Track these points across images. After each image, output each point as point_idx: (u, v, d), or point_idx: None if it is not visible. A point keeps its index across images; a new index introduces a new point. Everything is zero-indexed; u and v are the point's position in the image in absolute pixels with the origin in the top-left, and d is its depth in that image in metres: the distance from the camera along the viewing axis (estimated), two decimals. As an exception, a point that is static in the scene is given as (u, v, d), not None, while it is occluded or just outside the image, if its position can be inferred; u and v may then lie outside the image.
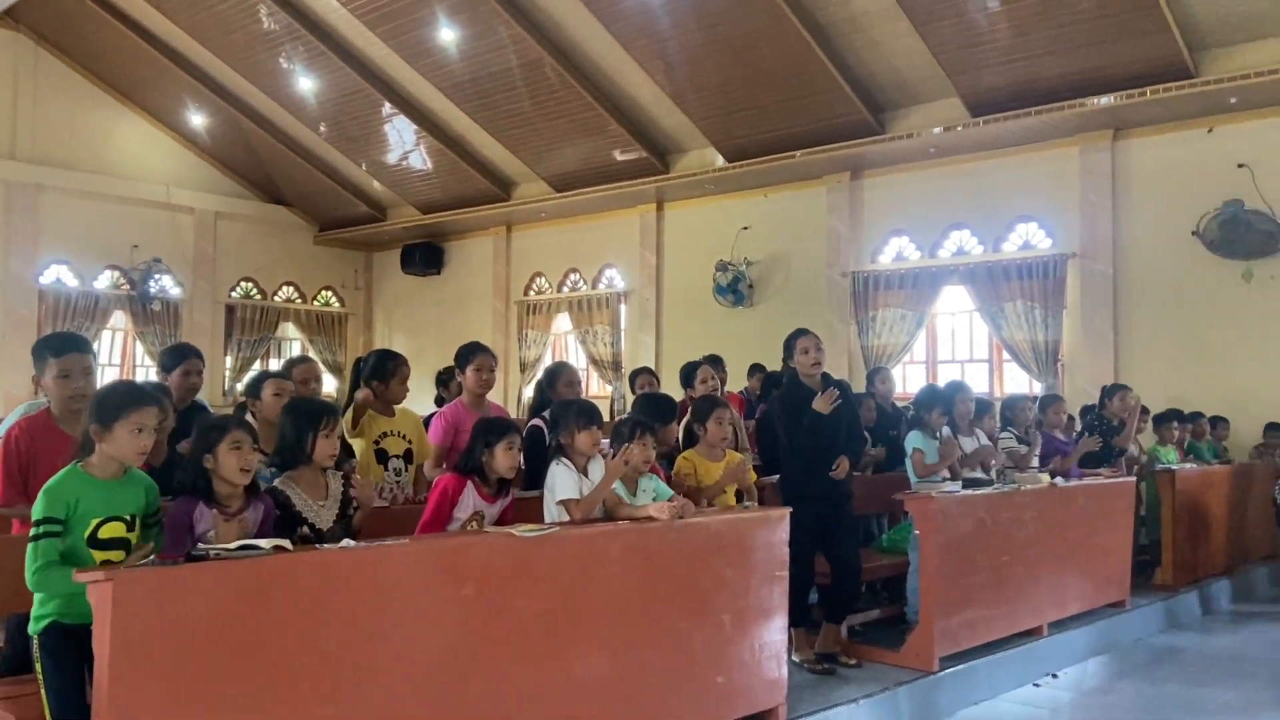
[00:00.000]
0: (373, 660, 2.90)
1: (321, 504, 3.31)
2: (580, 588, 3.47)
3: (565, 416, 3.84)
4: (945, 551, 5.22)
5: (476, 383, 4.73)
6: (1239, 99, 9.10)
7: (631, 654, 3.61)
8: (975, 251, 11.23)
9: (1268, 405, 9.12)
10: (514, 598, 3.28)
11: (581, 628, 3.46)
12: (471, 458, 3.67)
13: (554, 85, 12.17)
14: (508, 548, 3.29)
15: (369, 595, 2.91)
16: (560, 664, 3.39)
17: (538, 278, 15.52)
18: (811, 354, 5.20)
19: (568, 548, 3.46)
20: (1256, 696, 5.46)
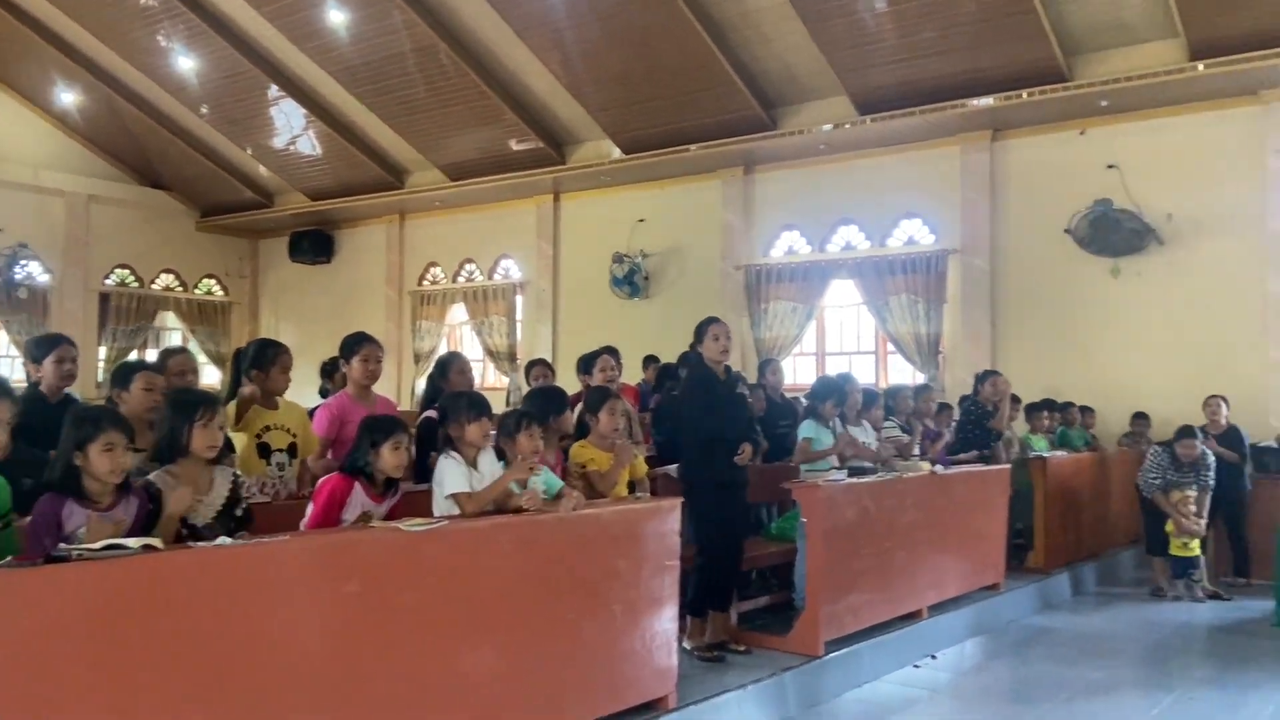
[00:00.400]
0: (251, 663, 2.82)
1: (199, 499, 3.19)
2: (469, 582, 3.43)
3: (455, 408, 3.79)
4: (831, 538, 5.36)
5: (363, 374, 4.62)
6: (1109, 102, 9.56)
7: (521, 647, 3.59)
8: (862, 246, 11.53)
9: (1134, 395, 9.64)
10: (401, 593, 3.22)
11: (470, 622, 3.43)
12: (358, 457, 3.59)
13: (449, 72, 11.98)
14: (394, 542, 3.23)
15: (246, 595, 2.82)
16: (448, 660, 3.36)
17: (432, 267, 15.28)
18: (722, 341, 5.32)
19: (456, 541, 3.42)
20: (1120, 674, 5.77)
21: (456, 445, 3.73)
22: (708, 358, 5.34)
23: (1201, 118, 9.44)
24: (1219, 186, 9.36)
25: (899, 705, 5.20)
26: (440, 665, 3.33)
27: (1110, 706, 5.11)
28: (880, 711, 5.06)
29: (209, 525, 3.18)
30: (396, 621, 3.20)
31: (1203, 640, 6.64)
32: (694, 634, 5.15)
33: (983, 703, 5.38)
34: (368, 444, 3.57)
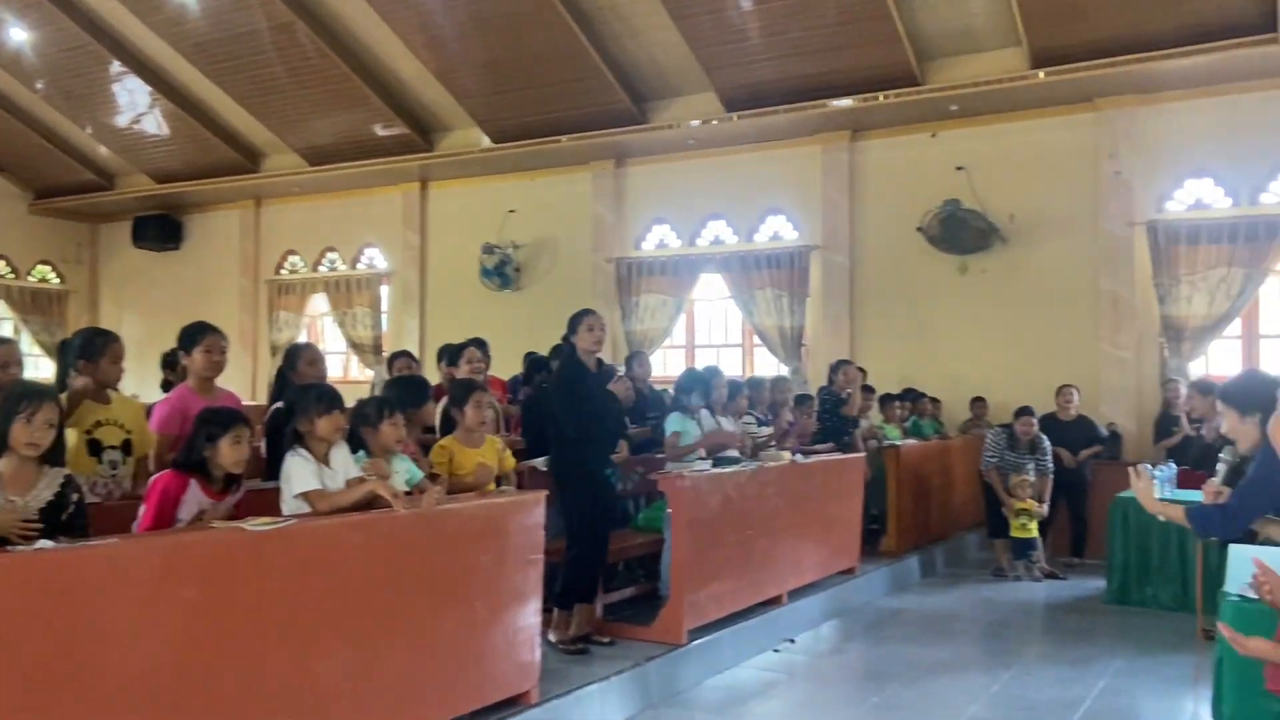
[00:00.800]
0: (79, 675, 2.64)
1: (13, 499, 2.97)
2: (320, 582, 3.32)
3: (304, 401, 3.64)
4: (695, 528, 5.44)
5: (205, 365, 4.40)
6: (958, 107, 10.00)
7: (377, 648, 3.50)
8: (730, 241, 11.74)
9: (979, 386, 10.13)
10: (245, 596, 3.09)
11: (321, 624, 3.32)
12: (193, 452, 3.42)
13: (308, 52, 11.56)
14: (237, 543, 3.09)
15: (72, 602, 2.64)
16: (298, 664, 3.24)
17: (291, 256, 14.73)
18: (596, 332, 5.32)
19: (306, 541, 3.30)
20: (964, 652, 6.08)
21: (306, 441, 3.60)
22: (581, 349, 5.34)
23: (1042, 123, 9.99)
24: (1057, 189, 9.93)
25: (758, 689, 5.33)
26: (289, 669, 3.21)
27: (954, 683, 5.36)
28: (740, 696, 5.18)
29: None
30: (241, 626, 3.07)
31: (1040, 618, 7.05)
32: (559, 627, 5.14)
33: (838, 683, 5.58)
34: (204, 438, 3.41)
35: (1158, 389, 9.34)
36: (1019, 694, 5.15)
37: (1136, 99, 9.49)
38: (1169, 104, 9.43)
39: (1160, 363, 9.43)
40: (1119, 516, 7.29)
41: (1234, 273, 8.99)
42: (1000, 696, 5.11)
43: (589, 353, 5.34)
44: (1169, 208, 9.53)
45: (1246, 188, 9.20)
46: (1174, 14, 8.54)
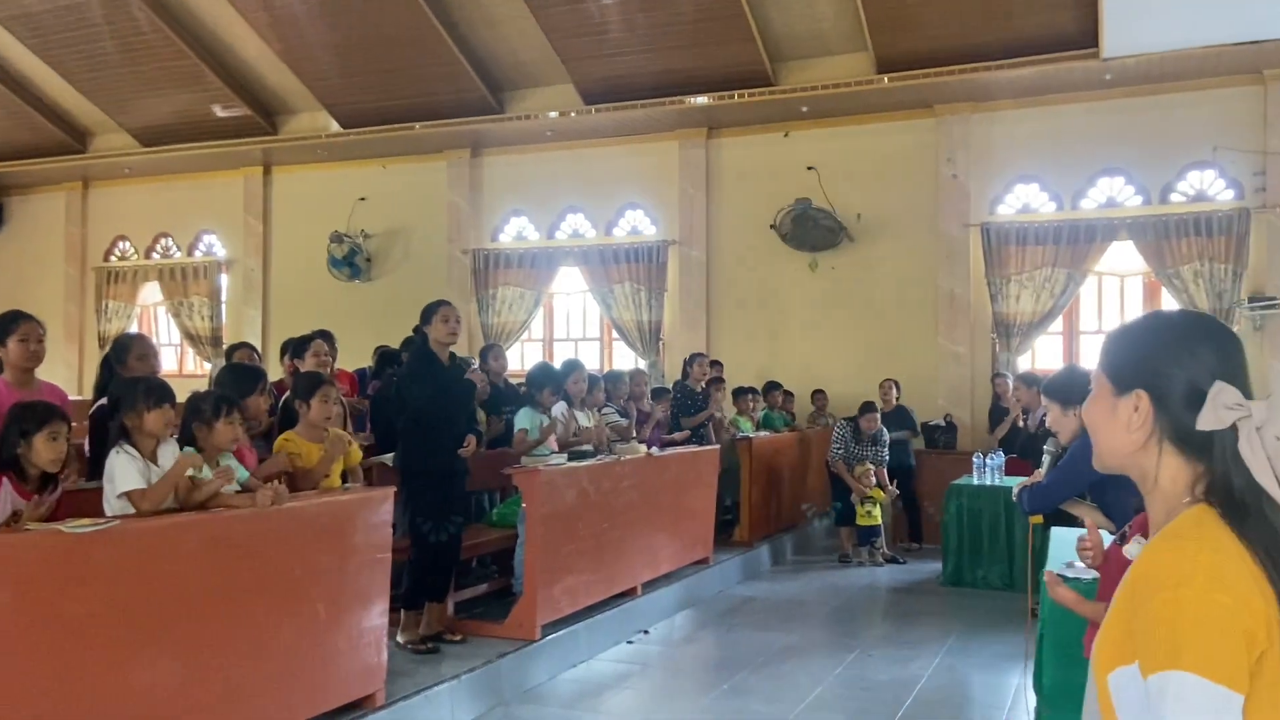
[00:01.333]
0: None
1: None
2: (147, 586, 3.13)
3: (131, 394, 3.42)
4: (550, 522, 5.41)
5: (22, 355, 4.08)
6: (809, 108, 10.31)
7: (211, 655, 3.33)
8: (589, 235, 11.74)
9: (827, 379, 10.47)
10: (64, 603, 2.89)
11: (150, 630, 3.13)
12: (5, 449, 3.17)
13: (142, 27, 10.90)
14: (54, 546, 2.88)
15: None
16: (122, 673, 3.05)
17: (121, 241, 13.86)
18: (451, 323, 5.21)
19: (130, 543, 3.10)
20: (811, 636, 6.28)
21: (132, 437, 3.38)
22: (435, 340, 5.22)
23: (887, 127, 10.40)
24: (900, 190, 10.37)
25: (612, 681, 5.36)
26: (113, 681, 3.02)
27: (801, 667, 5.53)
28: (594, 689, 5.19)
29: None
30: (59, 634, 2.86)
31: (881, 601, 7.37)
32: (407, 627, 5.02)
33: (690, 672, 5.67)
34: (17, 433, 3.17)
35: (989, 382, 9.88)
36: (861, 675, 5.36)
37: (971, 106, 10.00)
38: (1000, 112, 9.99)
39: (992, 357, 9.99)
40: (953, 503, 7.69)
41: (1057, 273, 9.60)
42: (844, 678, 5.30)
43: (442, 345, 5.23)
44: (1000, 211, 10.10)
45: (1069, 193, 9.84)
46: (1004, 28, 9.04)
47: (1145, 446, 1.26)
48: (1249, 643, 1.09)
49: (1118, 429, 1.29)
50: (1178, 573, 1.12)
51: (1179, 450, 1.24)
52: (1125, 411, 1.28)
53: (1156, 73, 9.01)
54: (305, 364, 6.37)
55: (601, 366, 11.53)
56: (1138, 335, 1.32)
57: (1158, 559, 1.16)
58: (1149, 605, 1.12)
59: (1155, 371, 1.26)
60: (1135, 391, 1.27)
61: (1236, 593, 1.10)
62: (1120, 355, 1.32)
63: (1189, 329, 1.28)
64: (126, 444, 3.34)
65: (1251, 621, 1.10)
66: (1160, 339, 1.28)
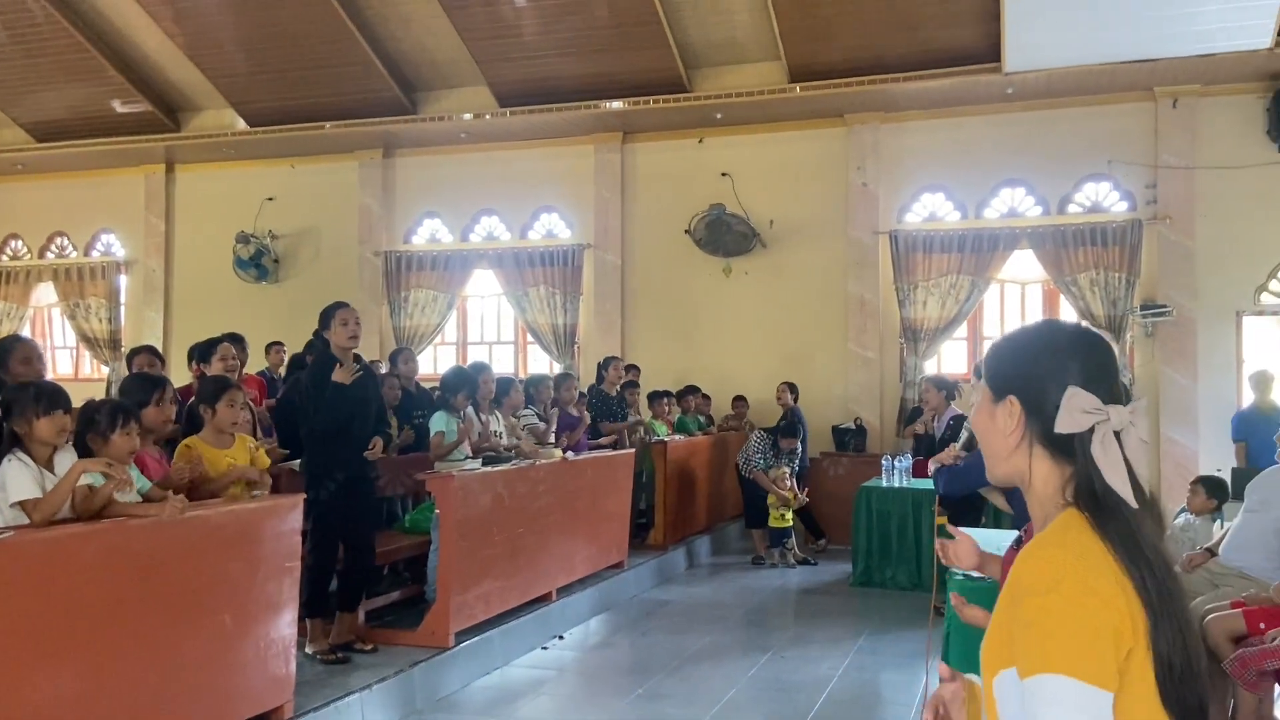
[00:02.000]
0: None
1: None
2: (42, 599, 3.00)
3: (21, 401, 3.27)
4: (464, 528, 5.35)
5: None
6: (723, 115, 10.43)
7: (109, 668, 3.20)
8: (504, 238, 11.66)
9: (740, 382, 10.60)
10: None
11: (44, 645, 3.00)
12: None
13: (35, 18, 10.44)
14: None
15: None
16: (19, 690, 2.91)
17: (13, 240, 13.24)
18: (350, 326, 5.12)
19: (23, 554, 2.97)
20: (725, 638, 6.34)
21: (25, 444, 3.23)
22: (335, 344, 5.12)
23: (799, 134, 10.60)
24: (812, 197, 10.56)
25: (526, 687, 5.33)
26: (9, 696, 2.88)
27: (715, 669, 5.59)
28: (509, 696, 5.15)
29: None
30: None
31: (793, 602, 7.48)
32: (315, 637, 4.91)
33: (605, 676, 5.67)
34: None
35: (898, 385, 10.14)
36: (774, 675, 5.43)
37: (880, 116, 10.25)
38: (908, 123, 10.26)
39: (900, 362, 10.24)
40: (863, 505, 7.85)
41: (962, 280, 9.90)
42: (757, 679, 5.37)
43: (343, 349, 5.13)
44: (908, 219, 10.37)
45: (973, 202, 10.16)
46: (912, 40, 9.30)
47: (1019, 450, 1.34)
48: (1117, 642, 1.15)
49: (996, 434, 1.36)
50: (1047, 578, 1.18)
51: (1048, 454, 1.31)
52: (1001, 417, 1.35)
53: (1056, 87, 9.38)
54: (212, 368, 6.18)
55: (516, 370, 11.47)
56: (1011, 346, 1.40)
57: (1030, 566, 1.22)
58: (1021, 610, 1.19)
59: (1025, 378, 1.34)
60: (1008, 398, 1.34)
61: (1103, 595, 1.16)
62: (996, 364, 1.39)
63: (1057, 339, 1.36)
64: (19, 451, 3.19)
65: (1118, 620, 1.16)
66: (1030, 349, 1.36)
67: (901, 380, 10.14)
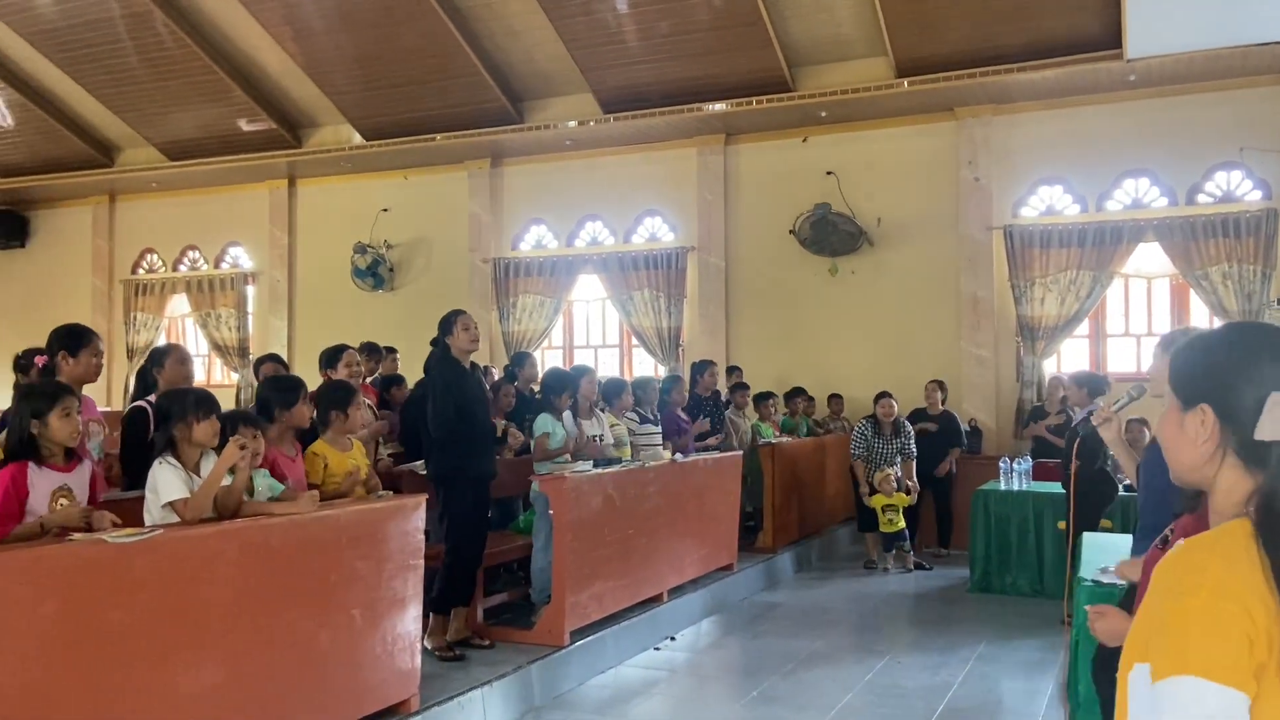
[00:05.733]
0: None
1: None
2: (189, 594, 3.17)
3: (180, 405, 3.46)
4: (577, 529, 5.42)
5: (93, 370, 4.19)
6: (828, 113, 10.31)
7: (249, 661, 3.37)
8: (608, 242, 11.78)
9: (847, 383, 10.47)
10: (109, 611, 2.93)
11: (190, 638, 3.17)
12: (21, 433, 3.22)
13: (166, 43, 11.05)
14: (99, 556, 2.93)
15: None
16: (165, 679, 3.09)
17: (149, 254, 14.03)
18: (471, 331, 5.27)
19: (173, 552, 3.14)
20: (839, 643, 6.26)
21: (176, 448, 3.43)
22: (456, 349, 5.27)
23: (906, 130, 10.40)
24: (921, 194, 10.35)
25: (640, 687, 5.36)
26: (156, 686, 3.06)
27: (829, 674, 5.52)
28: (623, 695, 5.20)
29: None
30: (104, 642, 2.90)
31: (909, 608, 7.32)
32: (435, 633, 5.05)
33: (718, 678, 5.67)
34: (29, 415, 3.21)
35: (1015, 385, 9.84)
36: (890, 682, 5.34)
37: (992, 109, 9.98)
38: (1022, 114, 9.96)
39: (1016, 361, 9.94)
40: (980, 508, 7.64)
41: (1083, 275, 9.55)
42: (873, 685, 5.28)
43: (465, 353, 5.28)
44: (1023, 213, 10.06)
45: (1094, 195, 9.79)
46: (1027, 29, 9.02)
47: (1211, 459, 1.28)
48: (1251, 650, 1.12)
49: (1185, 444, 1.31)
50: (1189, 581, 1.16)
51: (1240, 463, 1.26)
52: (1192, 426, 1.30)
53: (1182, 73, 8.97)
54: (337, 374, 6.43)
55: (621, 373, 11.56)
56: (1202, 350, 1.33)
57: (1172, 567, 1.20)
58: (1159, 611, 1.17)
59: (1219, 385, 1.27)
60: (1200, 406, 1.29)
61: (1243, 604, 1.13)
62: (1185, 370, 1.33)
63: (1253, 340, 1.29)
64: (170, 455, 3.39)
65: (1253, 631, 1.12)
66: (1224, 352, 1.30)
67: (1018, 380, 9.84)
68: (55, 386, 3.34)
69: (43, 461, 3.24)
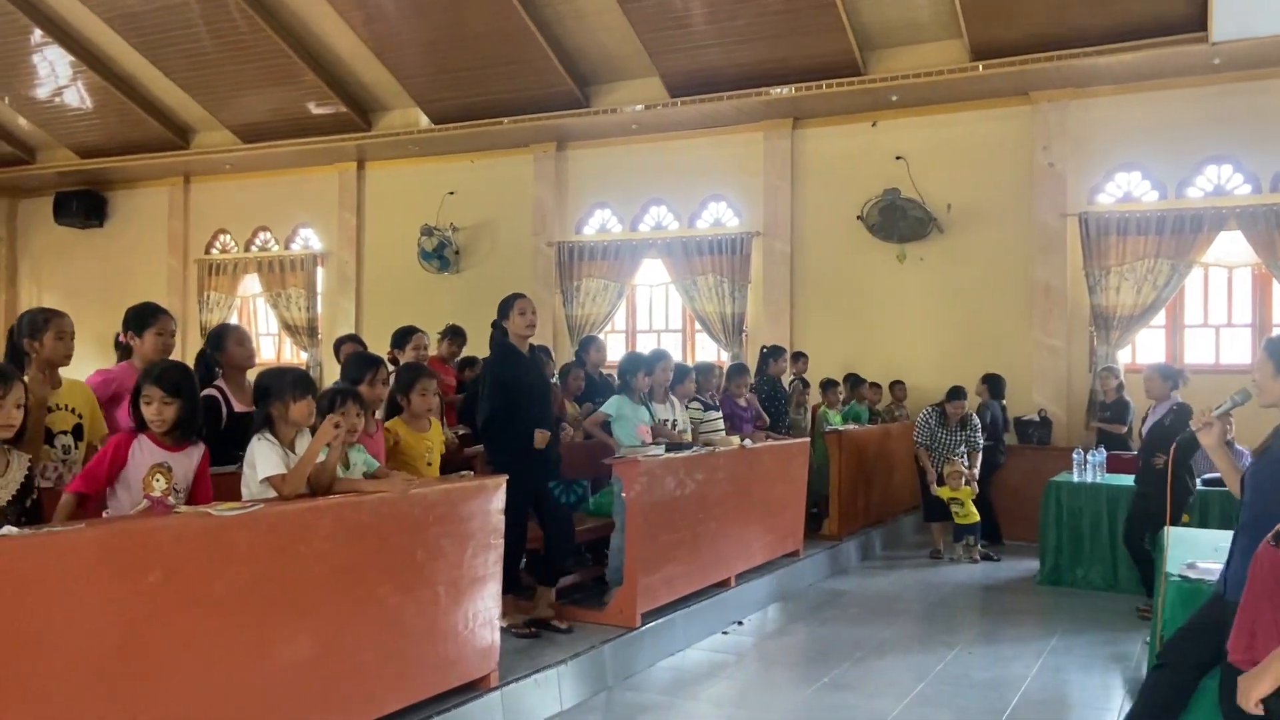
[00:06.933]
0: (38, 665, 2.56)
1: None
2: (285, 568, 3.26)
3: (279, 385, 3.55)
4: (649, 512, 5.46)
5: (158, 348, 4.28)
6: (899, 97, 10.16)
7: (340, 633, 3.46)
8: (672, 227, 11.77)
9: (914, 372, 10.36)
10: (209, 583, 3.02)
11: (285, 610, 3.26)
12: (135, 411, 3.36)
13: (241, 27, 11.24)
14: (202, 529, 3.02)
15: (35, 589, 2.56)
16: (262, 650, 3.18)
17: (221, 235, 14.35)
18: (528, 315, 5.30)
19: (270, 526, 3.23)
20: (908, 631, 6.22)
21: (274, 426, 3.52)
22: (513, 333, 5.31)
23: (979, 115, 10.21)
24: (993, 180, 10.17)
25: (709, 671, 5.39)
26: (253, 656, 3.15)
27: (900, 662, 5.50)
28: (692, 678, 5.23)
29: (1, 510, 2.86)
30: (204, 613, 3.00)
31: (978, 599, 7.24)
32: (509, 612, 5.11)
33: (786, 664, 5.67)
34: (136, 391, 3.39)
35: (1087, 376, 9.65)
36: (962, 672, 5.30)
37: (1069, 93, 9.76)
38: (1100, 98, 9.72)
39: (1090, 351, 9.74)
40: (1051, 500, 7.52)
41: (1160, 264, 9.32)
42: (944, 675, 5.25)
43: (522, 337, 5.32)
44: (1099, 200, 9.83)
45: (1173, 181, 9.53)
46: (1107, 11, 8.79)
47: None
48: None
49: None
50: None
51: None
52: None
53: (1270, 56, 8.68)
54: (405, 355, 6.54)
55: (684, 359, 11.56)
56: None
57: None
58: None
59: None
60: None
61: None
62: None
63: None
64: (268, 432, 3.49)
65: None
66: None
67: (1090, 371, 9.64)
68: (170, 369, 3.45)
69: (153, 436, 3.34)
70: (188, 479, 3.42)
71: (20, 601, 2.53)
